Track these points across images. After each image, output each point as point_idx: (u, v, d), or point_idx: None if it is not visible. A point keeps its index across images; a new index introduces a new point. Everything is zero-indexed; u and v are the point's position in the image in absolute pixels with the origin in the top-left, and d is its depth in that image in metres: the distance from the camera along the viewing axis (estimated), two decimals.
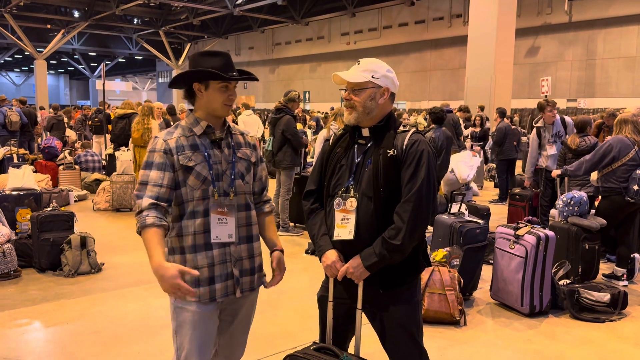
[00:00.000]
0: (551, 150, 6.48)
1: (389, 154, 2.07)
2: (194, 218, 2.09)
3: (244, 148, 2.24)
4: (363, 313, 2.21)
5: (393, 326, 2.17)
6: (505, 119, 9.76)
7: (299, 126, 11.09)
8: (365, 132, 2.19)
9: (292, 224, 6.84)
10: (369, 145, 2.17)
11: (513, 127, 10.14)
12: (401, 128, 2.17)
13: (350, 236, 2.10)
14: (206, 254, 2.10)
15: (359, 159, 2.16)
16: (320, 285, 2.35)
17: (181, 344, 2.13)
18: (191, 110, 2.22)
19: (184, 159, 2.08)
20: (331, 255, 2.16)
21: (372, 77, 2.13)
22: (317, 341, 2.27)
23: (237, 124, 12.42)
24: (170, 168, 2.07)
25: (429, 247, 5.05)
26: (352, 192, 2.13)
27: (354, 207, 2.11)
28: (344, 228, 2.12)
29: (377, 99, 2.14)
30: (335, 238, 2.15)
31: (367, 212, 2.10)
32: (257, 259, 2.31)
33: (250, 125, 11.37)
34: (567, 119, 6.82)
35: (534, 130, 6.73)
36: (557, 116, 6.64)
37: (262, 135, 12.44)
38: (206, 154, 2.12)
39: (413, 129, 2.17)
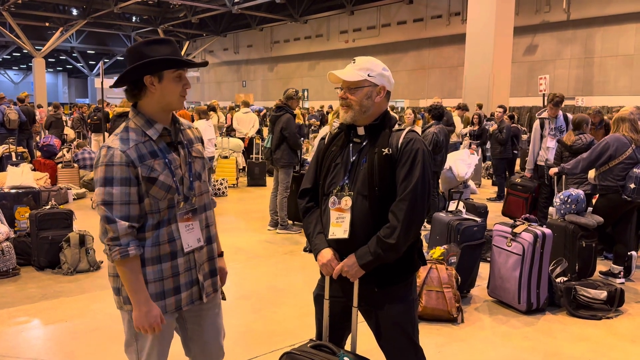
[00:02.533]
0: (551, 143, 6.56)
1: (384, 153, 2.08)
2: (158, 228, 1.96)
3: (195, 144, 2.11)
4: (359, 311, 2.22)
5: (388, 324, 2.18)
6: (505, 118, 9.78)
7: (300, 119, 11.05)
8: (361, 131, 2.18)
9: (290, 222, 6.86)
10: (364, 143, 2.16)
11: (513, 125, 10.15)
12: (396, 127, 2.17)
13: (345, 235, 2.11)
14: (171, 263, 1.99)
15: (354, 158, 2.16)
16: (317, 283, 2.36)
17: (141, 350, 2.04)
18: (132, 106, 2.01)
19: (146, 169, 1.90)
20: (326, 253, 2.16)
21: (369, 75, 2.12)
22: (314, 339, 2.28)
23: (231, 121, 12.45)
24: (133, 182, 1.89)
25: (425, 245, 5.08)
26: (347, 190, 2.13)
27: (348, 205, 2.11)
28: (339, 227, 2.12)
29: (374, 97, 2.13)
30: (330, 237, 2.15)
31: (362, 211, 2.09)
32: (215, 260, 2.20)
33: (243, 123, 11.39)
34: (570, 115, 6.90)
35: (537, 121, 6.84)
36: (561, 112, 6.75)
37: (260, 133, 12.45)
38: (166, 160, 1.96)
39: (408, 128, 2.17)
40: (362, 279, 2.12)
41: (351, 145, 2.20)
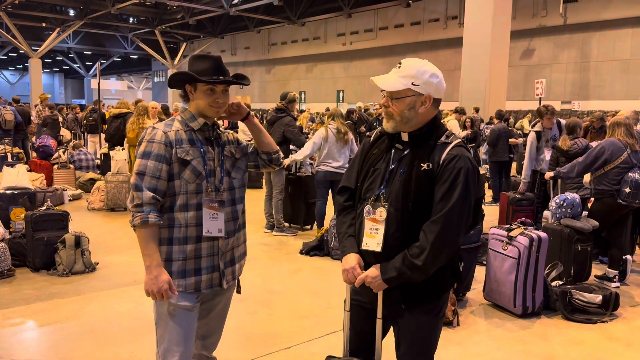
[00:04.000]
0: (547, 154, 6.54)
1: (422, 168, 1.93)
2: (186, 211, 2.13)
3: (228, 146, 2.30)
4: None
5: (409, 342, 2.09)
6: (502, 121, 9.80)
7: (304, 120, 10.97)
8: (405, 137, 2.03)
9: (286, 224, 6.85)
10: (405, 152, 2.02)
11: (510, 128, 10.17)
12: (443, 138, 1.99)
13: (378, 248, 2.00)
14: (195, 245, 2.15)
15: (393, 166, 2.02)
16: (348, 290, 2.22)
17: (161, 336, 2.19)
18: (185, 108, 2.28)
19: (182, 152, 2.12)
20: (351, 260, 2.05)
21: (412, 84, 1.95)
22: (339, 356, 2.18)
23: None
24: (167, 160, 2.10)
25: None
26: (382, 201, 2.00)
27: (383, 217, 2.00)
28: (373, 238, 2.02)
29: (417, 107, 1.97)
30: (363, 247, 2.05)
31: (395, 225, 1.98)
32: (240, 248, 2.36)
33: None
34: (562, 120, 6.90)
35: (532, 134, 6.75)
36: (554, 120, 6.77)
37: None
38: (202, 149, 2.18)
39: (457, 140, 1.99)
40: (388, 291, 2.02)
41: (393, 151, 2.06)
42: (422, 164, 1.94)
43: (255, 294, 4.62)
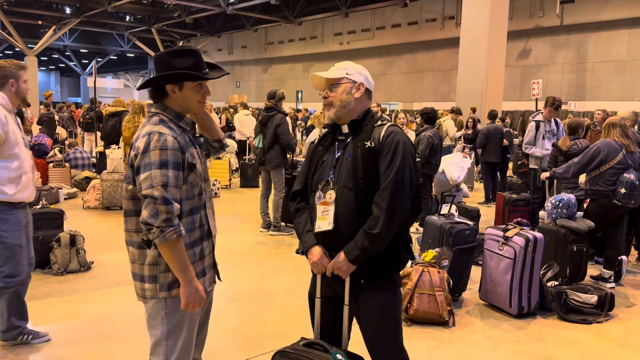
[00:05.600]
0: (548, 144, 6.69)
1: (366, 146, 2.13)
2: (192, 214, 2.09)
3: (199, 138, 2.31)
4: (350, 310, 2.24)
5: (371, 321, 2.21)
6: (497, 121, 9.80)
7: (315, 120, 10.98)
8: (345, 129, 2.25)
9: (283, 224, 6.84)
10: (348, 140, 2.23)
11: (506, 129, 10.18)
12: (379, 122, 2.22)
13: (330, 227, 2.15)
14: (201, 246, 2.14)
15: (339, 154, 2.23)
16: (310, 281, 2.38)
17: (172, 346, 2.10)
18: (154, 102, 2.15)
19: (190, 156, 2.07)
20: (316, 252, 2.20)
21: (347, 73, 2.22)
22: (312, 338, 2.27)
23: (233, 123, 12.43)
24: (182, 167, 2.02)
25: (417, 248, 5.09)
26: (331, 184, 2.19)
27: (332, 198, 2.16)
28: (324, 220, 2.17)
29: (353, 93, 2.21)
30: (316, 230, 2.20)
31: (347, 203, 2.14)
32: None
33: (246, 125, 11.34)
34: (559, 121, 7.04)
35: (532, 123, 6.94)
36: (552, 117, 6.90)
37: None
38: (197, 149, 2.15)
39: (390, 123, 2.23)
40: (351, 274, 2.16)
41: (337, 143, 2.27)
42: (365, 143, 2.14)
43: (251, 294, 4.61)
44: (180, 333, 2.11)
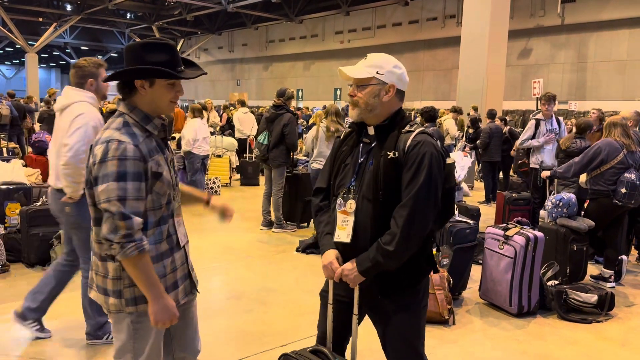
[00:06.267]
0: (547, 144, 6.67)
1: (389, 157, 1.98)
2: (159, 225, 1.94)
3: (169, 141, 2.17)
4: (367, 316, 2.18)
5: (393, 334, 2.12)
6: (497, 120, 9.80)
7: (317, 118, 10.99)
8: (371, 131, 2.11)
9: (284, 222, 6.84)
10: (372, 144, 2.09)
11: (508, 127, 10.17)
12: (407, 127, 2.05)
13: (348, 239, 2.05)
14: (172, 258, 2.00)
15: (362, 159, 2.09)
16: (325, 281, 2.29)
17: (139, 353, 1.99)
18: (122, 100, 1.97)
19: (154, 165, 1.89)
20: (329, 255, 2.11)
21: (377, 72, 2.04)
22: (313, 336, 2.23)
23: (232, 121, 12.41)
24: (144, 177, 1.85)
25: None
26: (352, 193, 2.07)
27: (352, 209, 2.05)
28: (343, 230, 2.07)
29: (381, 96, 2.05)
30: (335, 240, 2.11)
31: (366, 215, 2.03)
32: None
33: (245, 123, 11.33)
34: (560, 119, 7.04)
35: (533, 121, 6.94)
36: (554, 115, 6.88)
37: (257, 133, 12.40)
38: (165, 155, 1.97)
39: (420, 128, 2.05)
40: (365, 285, 2.05)
41: (361, 145, 2.13)
42: (388, 153, 1.99)
43: (251, 292, 4.61)
44: (144, 346, 1.98)
